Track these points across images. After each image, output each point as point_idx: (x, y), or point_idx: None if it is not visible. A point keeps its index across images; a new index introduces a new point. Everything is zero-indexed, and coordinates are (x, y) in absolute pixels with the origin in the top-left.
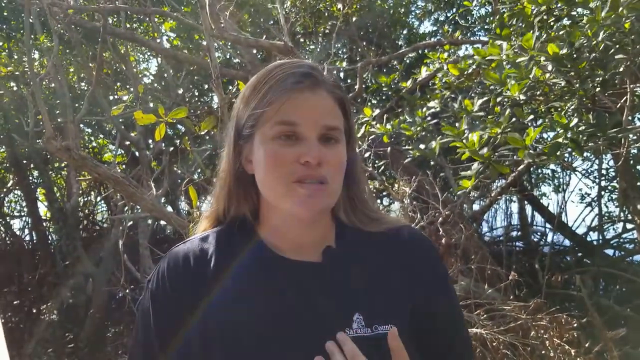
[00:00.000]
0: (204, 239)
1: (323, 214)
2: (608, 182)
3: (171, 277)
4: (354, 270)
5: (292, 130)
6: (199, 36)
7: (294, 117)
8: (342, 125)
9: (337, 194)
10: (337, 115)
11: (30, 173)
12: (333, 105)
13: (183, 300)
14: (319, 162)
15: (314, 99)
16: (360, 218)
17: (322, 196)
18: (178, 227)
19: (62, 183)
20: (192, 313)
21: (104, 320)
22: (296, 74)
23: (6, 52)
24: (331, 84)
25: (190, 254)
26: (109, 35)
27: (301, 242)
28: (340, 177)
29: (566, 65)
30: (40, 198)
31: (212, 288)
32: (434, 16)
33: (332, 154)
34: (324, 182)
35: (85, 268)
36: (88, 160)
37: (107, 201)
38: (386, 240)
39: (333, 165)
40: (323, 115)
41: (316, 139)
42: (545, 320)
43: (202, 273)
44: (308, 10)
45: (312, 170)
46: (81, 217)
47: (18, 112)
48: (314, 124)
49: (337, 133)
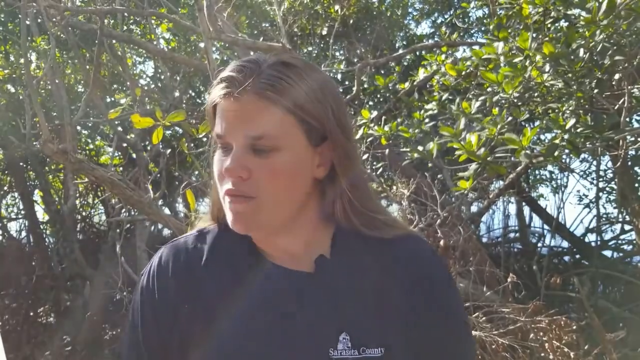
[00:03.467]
0: (199, 237)
1: (291, 222)
2: (606, 183)
3: (160, 275)
4: (348, 283)
5: (223, 142)
6: (196, 38)
7: (219, 128)
8: (285, 129)
9: (275, 209)
10: (269, 120)
11: (27, 175)
12: (263, 109)
13: (169, 299)
14: (247, 175)
15: (236, 106)
16: (363, 222)
17: (249, 212)
18: (175, 229)
19: (59, 186)
20: (175, 313)
21: (101, 323)
22: (222, 79)
23: (2, 54)
24: (264, 84)
25: (182, 252)
26: (106, 37)
27: (291, 250)
28: (275, 189)
29: (563, 65)
30: (37, 201)
31: (199, 290)
32: (431, 18)
33: (261, 164)
34: (249, 197)
35: (83, 271)
36: (85, 163)
37: (104, 204)
38: (389, 251)
39: (263, 178)
40: (245, 124)
41: (242, 150)
42: (544, 322)
43: (191, 273)
44: (305, 12)
45: (236, 184)
46: (78, 220)
47: (15, 114)
48: (236, 134)
49: (267, 142)
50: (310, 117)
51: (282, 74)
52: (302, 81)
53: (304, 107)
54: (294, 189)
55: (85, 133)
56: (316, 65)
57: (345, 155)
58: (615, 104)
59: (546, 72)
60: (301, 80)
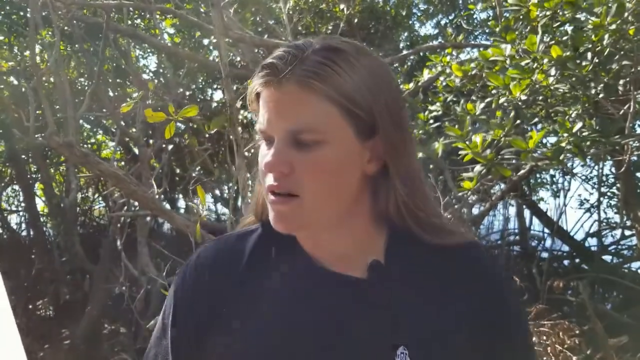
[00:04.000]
0: (241, 237)
1: (339, 223)
2: (608, 188)
3: (197, 275)
4: (404, 291)
5: (265, 134)
6: (201, 34)
7: (261, 119)
8: (329, 122)
9: (319, 207)
10: (311, 112)
11: (28, 168)
12: (305, 100)
13: (205, 301)
14: (288, 170)
15: (276, 96)
16: (419, 225)
17: (291, 211)
18: (179, 225)
19: (61, 179)
20: (212, 317)
21: (100, 318)
22: (263, 66)
23: (6, 46)
24: (306, 72)
25: (222, 251)
26: (111, 31)
27: (339, 253)
28: (319, 186)
29: (570, 69)
30: (38, 193)
31: (239, 293)
32: (436, 19)
33: (303, 160)
34: (292, 194)
35: (83, 265)
36: (90, 157)
37: (105, 198)
38: (450, 259)
39: (306, 174)
40: (286, 116)
41: (283, 144)
42: (547, 326)
43: (231, 275)
44: (310, 10)
45: (278, 180)
46: (79, 213)
47: (17, 106)
48: (277, 126)
49: (310, 135)
50: (358, 108)
51: (327, 60)
52: (351, 68)
53: (352, 97)
54: (340, 186)
55: (87, 127)
56: (369, 50)
57: (398, 150)
58: (621, 109)
59: (551, 75)
60: (350, 66)
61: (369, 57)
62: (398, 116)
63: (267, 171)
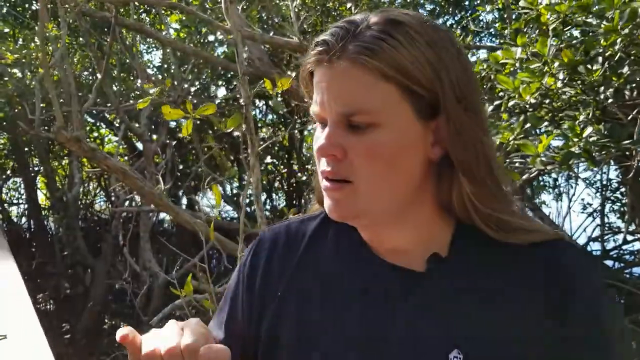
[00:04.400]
0: (303, 222)
1: (399, 213)
2: (611, 192)
3: (257, 257)
4: (466, 290)
5: (318, 116)
6: (208, 30)
7: (315, 100)
8: (385, 101)
9: (375, 195)
10: (365, 92)
11: (30, 161)
12: (357, 78)
13: (261, 283)
14: (341, 154)
15: (328, 75)
16: (485, 222)
17: (345, 199)
18: (185, 222)
19: (62, 172)
20: (267, 299)
21: (101, 313)
22: (316, 43)
23: (11, 38)
24: (359, 48)
25: (282, 235)
26: (119, 25)
27: (399, 245)
28: (374, 172)
29: (580, 73)
30: (39, 186)
31: (295, 278)
32: (441, 19)
33: (357, 143)
34: (347, 180)
35: (85, 259)
36: (98, 152)
37: (106, 192)
38: (523, 259)
39: (359, 158)
40: (338, 96)
41: (336, 126)
42: None
43: (288, 260)
44: (317, 9)
45: (331, 165)
46: (80, 207)
47: (21, 99)
48: (329, 108)
49: (363, 117)
50: (417, 85)
51: (383, 34)
52: (410, 41)
53: (410, 73)
54: (397, 172)
55: (90, 121)
56: (432, 20)
57: (462, 134)
58: (629, 114)
59: (560, 79)
60: (409, 40)
61: (432, 28)
62: (464, 94)
63: (320, 155)
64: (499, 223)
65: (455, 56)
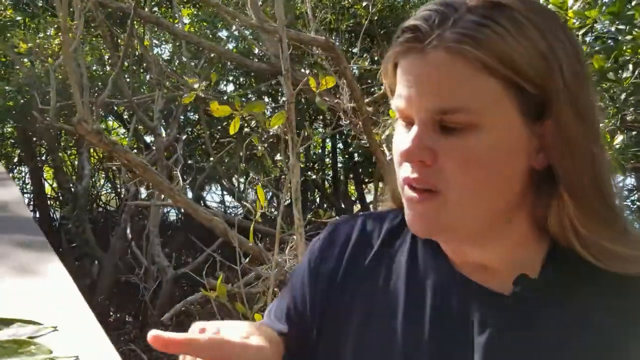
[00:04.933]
0: (376, 220)
1: (490, 229)
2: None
3: (324, 249)
4: (555, 319)
5: (403, 114)
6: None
7: (400, 94)
8: (487, 99)
9: (467, 210)
10: (464, 87)
11: (38, 150)
12: (456, 71)
13: (324, 279)
14: (431, 160)
15: (419, 66)
16: (588, 247)
17: (432, 213)
18: (202, 220)
19: (70, 163)
20: (326, 296)
21: (108, 306)
22: (404, 29)
23: (23, 27)
24: (459, 35)
25: (357, 230)
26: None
27: (481, 261)
28: (469, 182)
29: (610, 80)
30: (45, 176)
31: (360, 282)
32: None
33: (450, 148)
34: (432, 190)
35: (93, 251)
36: (118, 146)
37: (113, 185)
38: (631, 291)
39: (452, 166)
40: (430, 91)
41: (426, 127)
42: None
43: (356, 260)
44: (333, 6)
45: (417, 171)
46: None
47: (31, 88)
48: (417, 105)
49: (460, 116)
50: (526, 80)
51: (487, 20)
52: (518, 28)
53: (518, 65)
54: (496, 183)
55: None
56: (542, 5)
57: (570, 142)
58: None
59: None
60: (516, 27)
61: (540, 11)
62: (576, 95)
63: (404, 160)
64: (602, 250)
65: (568, 44)
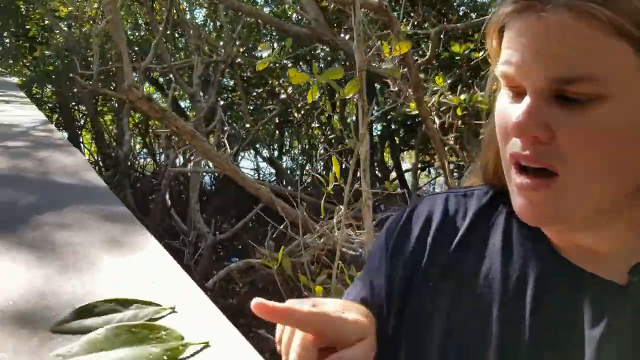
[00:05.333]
0: (468, 196)
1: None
2: None
3: (408, 225)
4: None
5: (512, 83)
6: None
7: (508, 59)
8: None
9: (588, 195)
10: (591, 52)
11: (76, 115)
12: (581, 34)
13: (405, 257)
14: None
15: (535, 28)
16: None
17: (548, 200)
18: (249, 188)
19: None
20: (410, 277)
21: None
22: None
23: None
24: None
25: (440, 208)
26: None
27: (591, 246)
28: (594, 162)
29: None
30: (82, 141)
31: (449, 266)
32: None
33: (572, 122)
34: (550, 172)
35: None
36: (167, 113)
37: (150, 151)
38: None
39: (574, 143)
40: (549, 57)
41: (542, 97)
42: None
43: (439, 243)
44: None
45: (528, 148)
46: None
47: (71, 53)
48: (532, 72)
49: (587, 86)
50: None
51: None
52: None
53: None
54: (623, 164)
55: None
56: None
57: None
58: None
59: None
60: None
61: None
62: None
63: (515, 134)
64: None
65: None
